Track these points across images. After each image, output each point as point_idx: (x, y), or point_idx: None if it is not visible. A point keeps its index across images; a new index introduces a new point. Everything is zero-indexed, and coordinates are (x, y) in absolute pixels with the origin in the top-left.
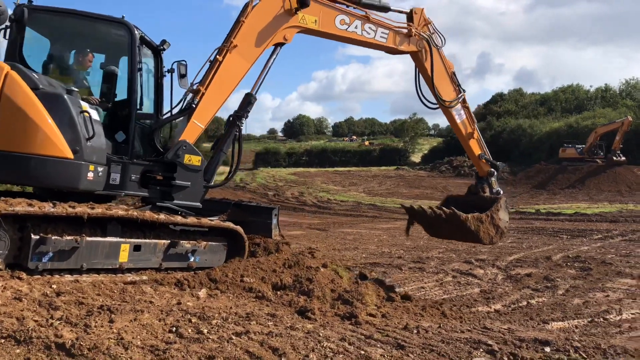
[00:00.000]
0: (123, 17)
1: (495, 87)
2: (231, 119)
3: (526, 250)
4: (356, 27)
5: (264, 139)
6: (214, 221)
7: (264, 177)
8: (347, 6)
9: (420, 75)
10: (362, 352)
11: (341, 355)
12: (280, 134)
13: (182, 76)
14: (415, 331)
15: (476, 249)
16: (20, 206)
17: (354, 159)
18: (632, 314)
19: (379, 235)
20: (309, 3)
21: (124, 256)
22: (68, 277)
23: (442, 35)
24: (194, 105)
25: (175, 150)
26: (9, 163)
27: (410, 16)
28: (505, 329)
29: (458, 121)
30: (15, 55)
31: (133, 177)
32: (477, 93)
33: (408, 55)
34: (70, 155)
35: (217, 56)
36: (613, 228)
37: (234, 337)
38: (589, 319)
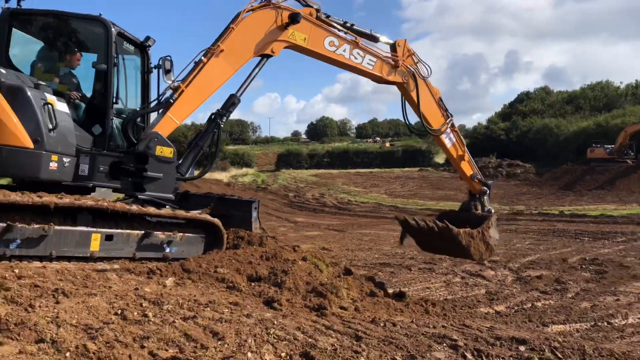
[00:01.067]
0: (100, 14)
1: (524, 86)
2: (212, 116)
3: (543, 252)
4: (344, 51)
5: (287, 141)
6: (190, 213)
7: (285, 179)
8: (339, 30)
9: (408, 103)
10: (310, 340)
11: (284, 342)
12: (303, 136)
13: (167, 71)
14: (382, 324)
15: None
16: None
17: (377, 161)
18: (638, 318)
19: (396, 237)
20: (299, 20)
21: (95, 245)
22: (36, 264)
23: (427, 65)
24: (171, 101)
25: (147, 141)
26: None
27: (393, 47)
28: (486, 327)
29: (448, 145)
30: (2, 56)
31: (101, 168)
32: (505, 92)
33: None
34: (30, 144)
35: (203, 57)
36: (639, 230)
37: (177, 321)
38: (592, 323)
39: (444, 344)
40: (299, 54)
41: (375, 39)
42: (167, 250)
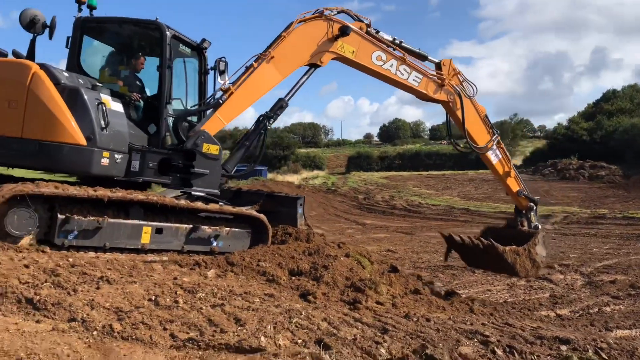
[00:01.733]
0: (157, 19)
1: (612, 84)
2: (260, 118)
3: (622, 256)
4: (391, 66)
5: (359, 144)
6: (236, 208)
7: (355, 181)
8: (387, 45)
9: (453, 121)
10: (333, 329)
11: (305, 330)
12: (376, 138)
13: (222, 72)
14: (415, 319)
15: (564, 254)
16: (47, 188)
17: (450, 162)
18: None
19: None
20: (349, 32)
21: (146, 238)
22: (91, 254)
23: (473, 84)
24: (220, 102)
25: (195, 139)
26: (34, 150)
27: (439, 66)
28: (531, 327)
29: (494, 162)
30: (74, 61)
31: (151, 165)
32: (591, 91)
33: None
34: (83, 142)
35: (254, 62)
36: None
37: (205, 308)
38: None
39: (475, 340)
40: None
41: (423, 58)
42: (214, 244)
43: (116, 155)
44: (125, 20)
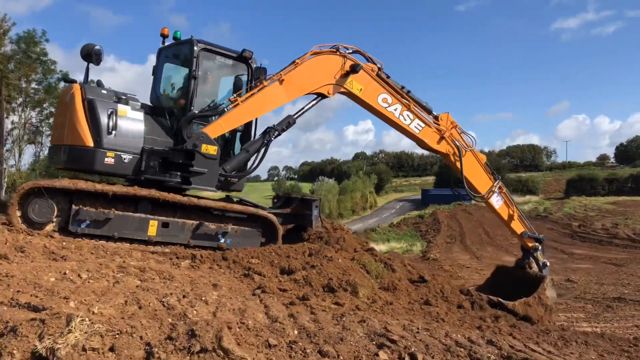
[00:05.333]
0: (192, 36)
1: None
2: (267, 130)
3: None
4: (395, 110)
5: (588, 166)
6: (241, 207)
7: (573, 207)
8: (396, 91)
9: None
10: (205, 313)
11: (163, 309)
12: (612, 160)
13: (257, 79)
14: (345, 319)
15: None
16: (59, 183)
17: None
18: None
19: None
20: (359, 70)
21: (152, 230)
22: (101, 242)
23: (472, 136)
24: (225, 110)
25: (194, 140)
26: (64, 153)
27: (436, 119)
28: (530, 349)
29: (497, 206)
30: (154, 85)
31: (152, 164)
32: None
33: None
34: (90, 144)
35: (264, 81)
36: None
37: (94, 283)
38: None
39: (374, 342)
40: None
41: (428, 111)
42: (222, 240)
43: (124, 156)
44: (177, 43)
